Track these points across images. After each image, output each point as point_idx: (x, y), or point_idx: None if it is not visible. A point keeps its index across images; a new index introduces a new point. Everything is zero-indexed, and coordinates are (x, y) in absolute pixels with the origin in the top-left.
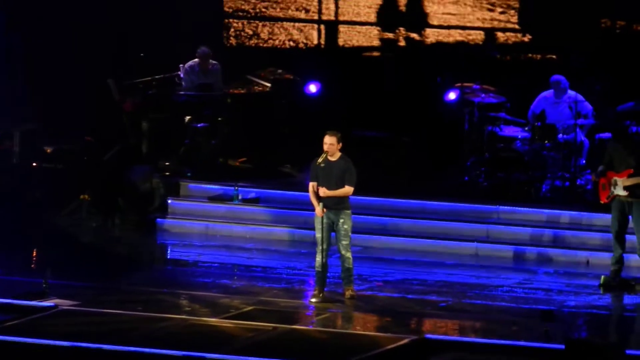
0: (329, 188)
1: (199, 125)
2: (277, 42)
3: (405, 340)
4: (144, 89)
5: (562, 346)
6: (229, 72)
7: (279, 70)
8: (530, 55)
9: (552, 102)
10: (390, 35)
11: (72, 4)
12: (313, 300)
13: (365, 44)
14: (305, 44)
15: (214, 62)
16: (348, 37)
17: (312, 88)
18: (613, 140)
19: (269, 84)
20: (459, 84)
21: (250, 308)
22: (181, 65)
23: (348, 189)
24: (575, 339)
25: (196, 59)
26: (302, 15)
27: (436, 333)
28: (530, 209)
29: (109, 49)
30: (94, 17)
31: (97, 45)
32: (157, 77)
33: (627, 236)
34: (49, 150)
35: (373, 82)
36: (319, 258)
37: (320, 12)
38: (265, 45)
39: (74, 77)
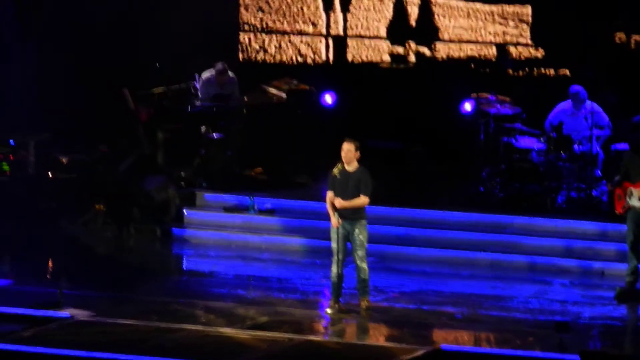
0: (345, 198)
1: (214, 135)
2: (284, 56)
3: (421, 352)
4: (159, 99)
5: (577, 357)
6: (242, 85)
7: (295, 81)
8: (543, 70)
9: (570, 113)
10: (400, 49)
11: (87, 13)
12: (329, 311)
13: (374, 59)
14: (313, 59)
15: (231, 74)
16: (357, 51)
17: (328, 98)
18: (630, 151)
19: (284, 95)
20: (474, 95)
21: (265, 319)
22: (196, 75)
23: (364, 200)
24: (590, 350)
25: (212, 70)
26: (310, 29)
27: (452, 344)
28: (546, 219)
29: (124, 58)
30: (109, 27)
31: (112, 54)
32: (172, 87)
33: None
34: (64, 161)
35: (388, 92)
36: (334, 268)
37: (328, 26)
38: (272, 60)
39: (89, 86)
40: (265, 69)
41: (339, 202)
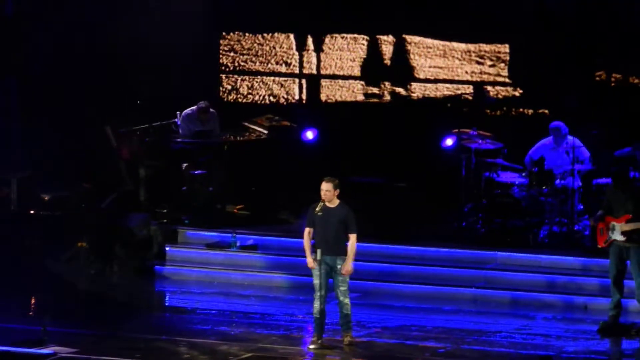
0: (326, 234)
1: (196, 172)
2: (256, 97)
3: None
4: (141, 136)
5: None
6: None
7: (276, 117)
8: (521, 110)
9: (551, 147)
10: (375, 89)
11: (69, 50)
12: (312, 346)
13: (348, 99)
14: (286, 99)
15: (212, 110)
16: (331, 91)
17: (309, 135)
18: (612, 185)
19: (266, 131)
20: (455, 130)
21: (248, 355)
22: (178, 112)
23: (354, 239)
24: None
25: (193, 107)
26: (283, 69)
27: None
28: (528, 254)
29: (105, 96)
30: (91, 64)
31: (94, 92)
32: (154, 124)
33: (625, 281)
34: (46, 198)
35: (369, 128)
36: (317, 304)
37: (301, 66)
38: (244, 100)
39: (71, 124)
40: (239, 109)
41: (346, 270)
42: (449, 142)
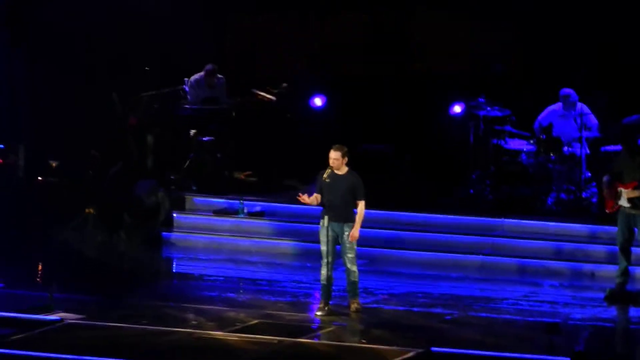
0: (335, 201)
1: (204, 138)
2: (260, 71)
3: (411, 354)
4: (149, 103)
5: (568, 359)
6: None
7: (284, 84)
8: (528, 83)
9: (560, 114)
10: (380, 64)
11: (77, 18)
12: (318, 313)
13: (353, 73)
14: (291, 73)
15: (219, 75)
16: (335, 65)
17: (318, 101)
18: (623, 151)
19: (274, 98)
20: (464, 97)
21: (255, 321)
22: (186, 79)
23: (362, 206)
24: (580, 351)
25: (202, 73)
26: (286, 43)
27: (442, 346)
28: (536, 221)
29: (113, 63)
30: (98, 31)
31: (101, 59)
32: (162, 91)
33: (633, 249)
34: (54, 165)
35: (376, 97)
36: (324, 271)
37: (304, 40)
38: (250, 74)
39: (79, 91)
40: (243, 80)
41: (352, 235)
42: (457, 109)
